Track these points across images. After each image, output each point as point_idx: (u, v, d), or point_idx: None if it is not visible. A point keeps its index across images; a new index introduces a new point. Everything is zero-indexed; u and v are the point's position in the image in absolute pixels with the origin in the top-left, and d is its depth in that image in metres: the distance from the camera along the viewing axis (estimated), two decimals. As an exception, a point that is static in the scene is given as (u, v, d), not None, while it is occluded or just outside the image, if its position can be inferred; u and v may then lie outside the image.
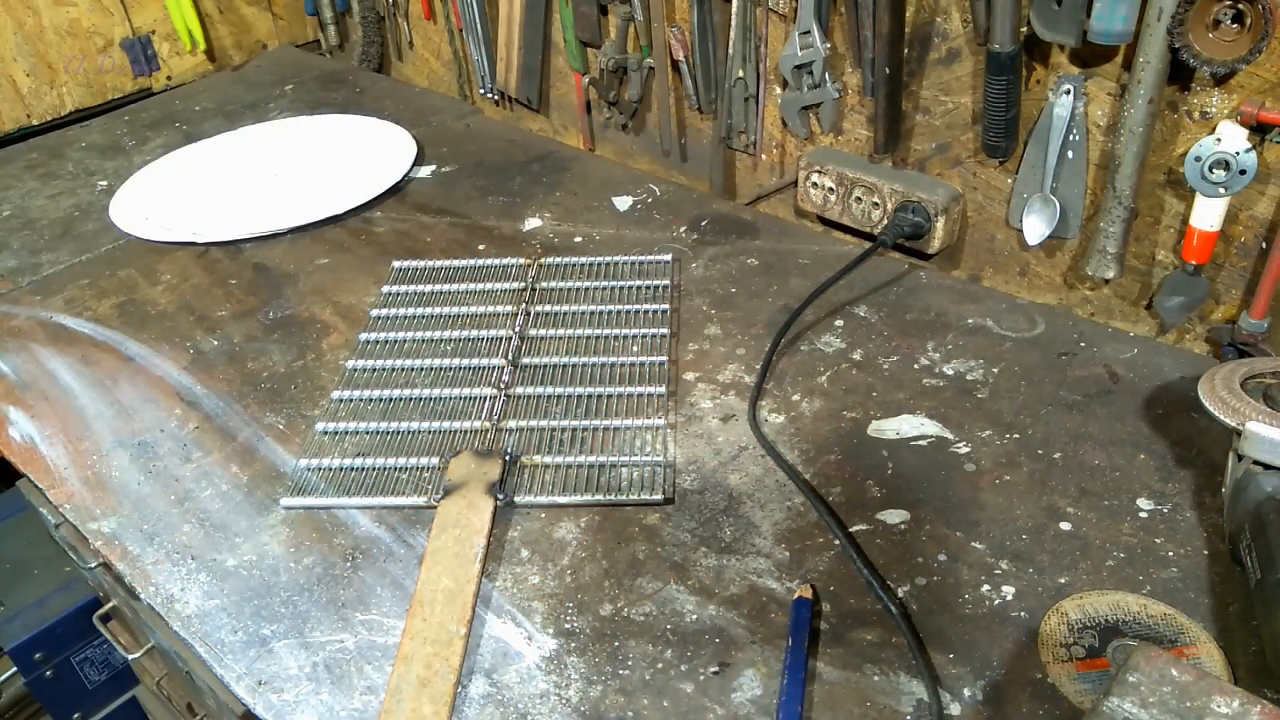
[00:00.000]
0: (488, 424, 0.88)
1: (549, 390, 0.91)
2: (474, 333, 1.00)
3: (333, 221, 1.21)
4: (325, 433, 0.89)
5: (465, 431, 0.87)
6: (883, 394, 0.89)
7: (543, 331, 0.99)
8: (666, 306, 1.01)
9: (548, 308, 1.02)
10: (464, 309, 1.04)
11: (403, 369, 0.96)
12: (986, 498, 0.77)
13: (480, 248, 1.14)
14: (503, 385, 0.92)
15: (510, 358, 0.95)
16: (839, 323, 0.98)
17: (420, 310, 1.04)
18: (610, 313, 1.01)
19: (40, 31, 1.49)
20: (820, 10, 1.04)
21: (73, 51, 1.53)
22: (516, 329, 0.99)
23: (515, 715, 0.64)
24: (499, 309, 1.03)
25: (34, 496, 0.99)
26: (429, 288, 1.07)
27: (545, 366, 0.94)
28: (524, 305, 1.03)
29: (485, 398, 0.91)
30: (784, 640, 0.67)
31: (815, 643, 0.67)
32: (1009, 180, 1.02)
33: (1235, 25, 0.78)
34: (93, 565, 0.99)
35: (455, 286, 1.07)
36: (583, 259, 1.09)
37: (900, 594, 0.70)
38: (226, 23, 1.71)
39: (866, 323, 0.98)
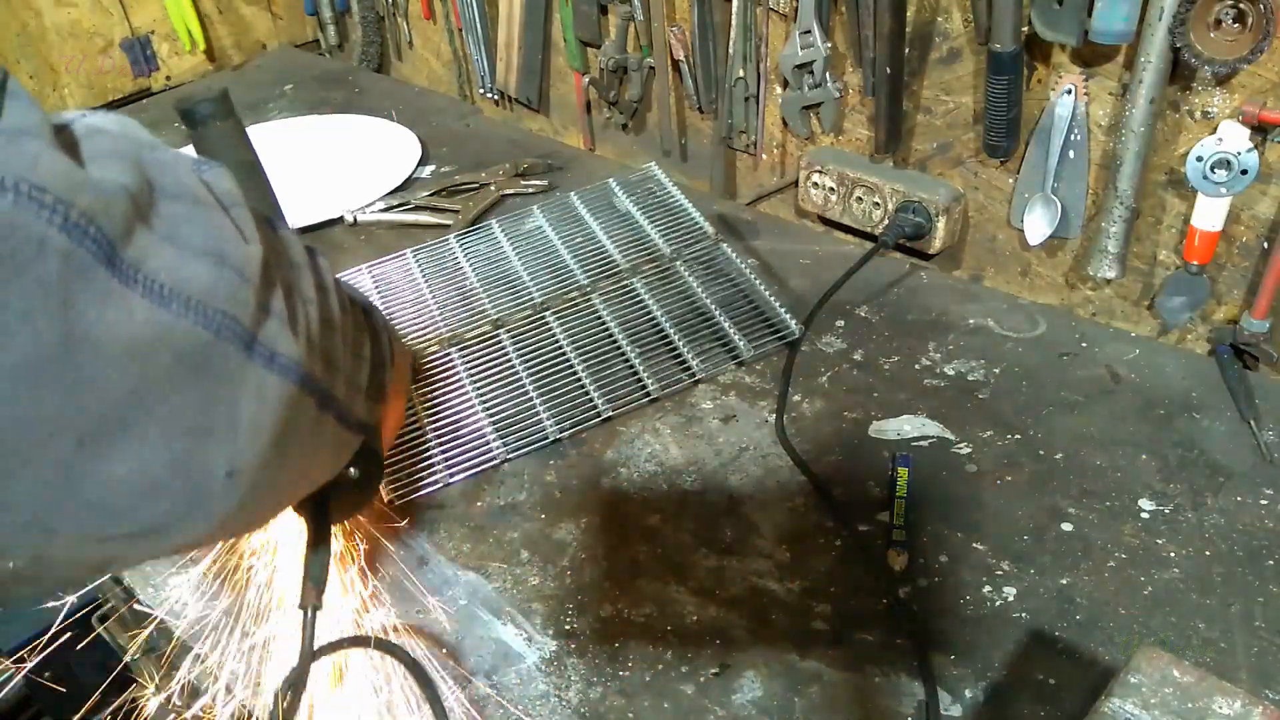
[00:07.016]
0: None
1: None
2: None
3: (334, 222, 1.21)
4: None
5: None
6: (884, 394, 0.88)
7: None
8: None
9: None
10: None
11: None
12: (988, 498, 0.77)
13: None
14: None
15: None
16: (840, 323, 0.98)
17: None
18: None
19: (42, 33, 1.48)
20: (821, 9, 1.04)
21: (73, 52, 1.52)
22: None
23: (515, 717, 0.64)
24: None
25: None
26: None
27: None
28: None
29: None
30: (785, 642, 0.67)
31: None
32: (1010, 180, 1.02)
33: (1237, 25, 0.78)
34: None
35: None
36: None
37: (901, 594, 0.70)
38: (226, 23, 1.70)
39: (867, 323, 0.98)
